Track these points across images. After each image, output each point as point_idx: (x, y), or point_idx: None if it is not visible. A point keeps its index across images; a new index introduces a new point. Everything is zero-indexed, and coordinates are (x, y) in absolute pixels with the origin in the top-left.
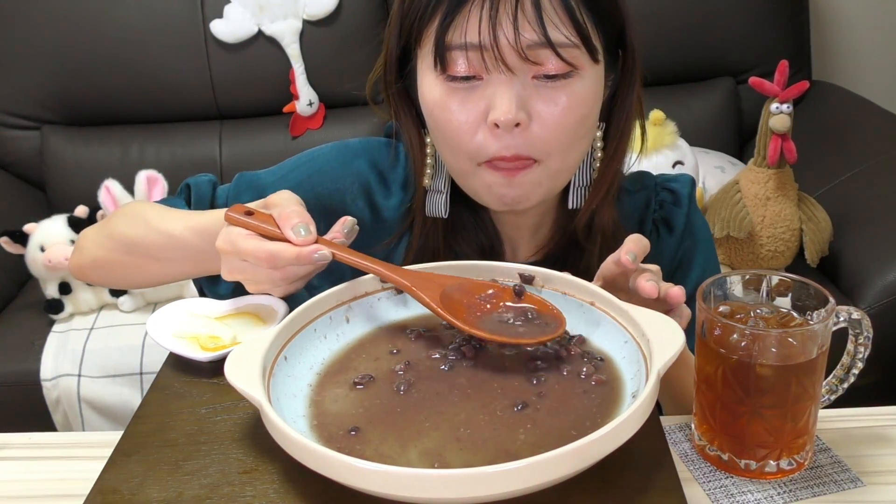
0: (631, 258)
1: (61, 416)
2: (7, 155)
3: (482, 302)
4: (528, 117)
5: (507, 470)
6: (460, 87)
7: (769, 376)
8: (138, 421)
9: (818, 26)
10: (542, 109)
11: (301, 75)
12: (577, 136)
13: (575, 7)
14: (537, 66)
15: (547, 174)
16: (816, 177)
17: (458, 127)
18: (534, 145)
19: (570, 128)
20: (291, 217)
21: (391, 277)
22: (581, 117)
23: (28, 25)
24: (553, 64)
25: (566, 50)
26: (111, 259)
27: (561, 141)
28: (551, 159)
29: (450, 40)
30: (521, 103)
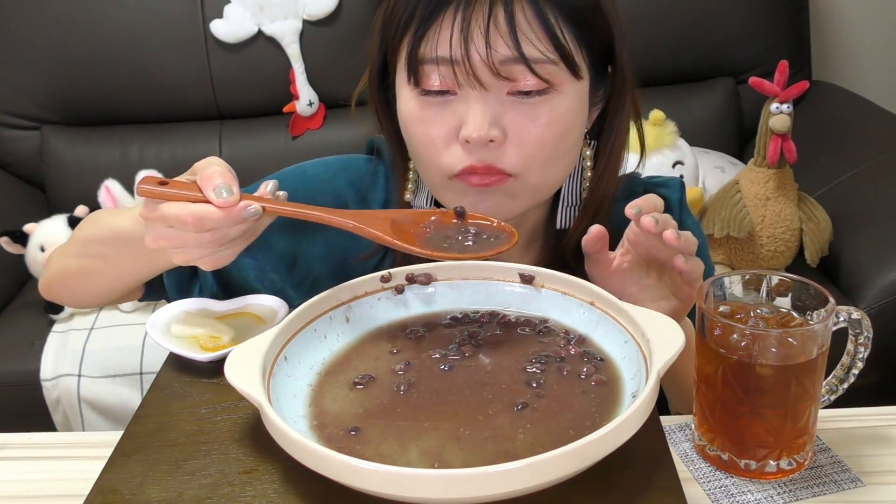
0: (635, 211)
1: (61, 416)
2: (7, 155)
3: (428, 229)
4: (502, 134)
5: (507, 470)
6: (434, 102)
7: (769, 376)
8: (138, 421)
9: (818, 26)
10: (517, 127)
11: (301, 75)
12: (557, 154)
13: (553, 22)
14: (511, 83)
15: (525, 188)
16: (816, 177)
17: (430, 141)
18: (509, 161)
19: (548, 145)
20: (213, 178)
21: (334, 220)
22: (560, 135)
23: (28, 25)
24: (528, 80)
25: (541, 66)
26: (69, 267)
27: (538, 158)
28: (529, 174)
29: (422, 54)
30: (494, 120)
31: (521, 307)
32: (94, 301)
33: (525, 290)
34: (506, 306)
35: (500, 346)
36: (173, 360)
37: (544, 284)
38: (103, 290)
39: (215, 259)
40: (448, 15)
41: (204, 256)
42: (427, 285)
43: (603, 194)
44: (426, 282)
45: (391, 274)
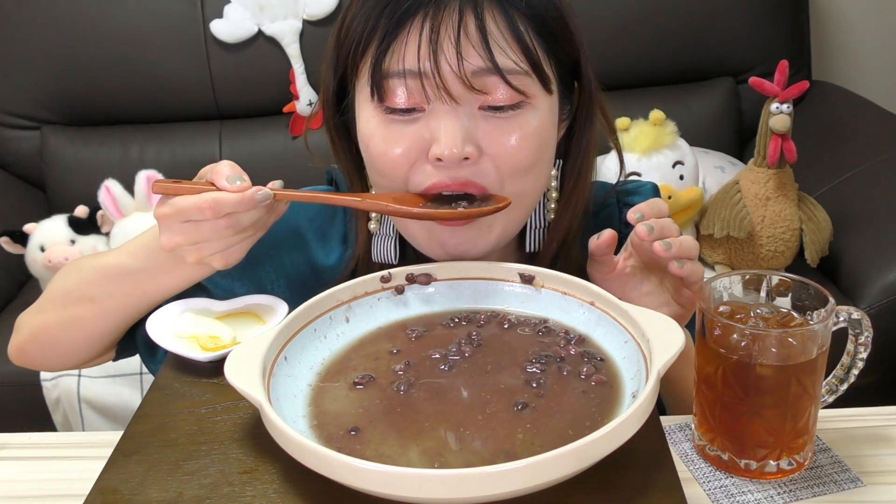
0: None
1: (61, 416)
2: (7, 155)
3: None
4: (476, 151)
5: (507, 470)
6: (398, 119)
7: (769, 376)
8: (138, 421)
9: (818, 26)
10: (493, 141)
11: (301, 75)
12: (534, 172)
13: (524, 32)
14: (484, 96)
15: (501, 215)
16: (816, 177)
17: (394, 161)
18: (488, 179)
19: (527, 161)
20: (223, 169)
21: (343, 200)
22: (536, 150)
23: (28, 25)
24: (502, 93)
25: (516, 77)
26: (48, 322)
27: (516, 174)
28: (505, 192)
29: (387, 67)
30: (467, 136)
31: (521, 307)
32: (74, 357)
33: (525, 290)
34: (506, 306)
35: (500, 346)
36: (173, 360)
37: (544, 284)
38: (89, 340)
39: (227, 255)
40: (415, 25)
41: (217, 251)
42: (427, 285)
43: (572, 214)
44: (426, 282)
45: (391, 274)
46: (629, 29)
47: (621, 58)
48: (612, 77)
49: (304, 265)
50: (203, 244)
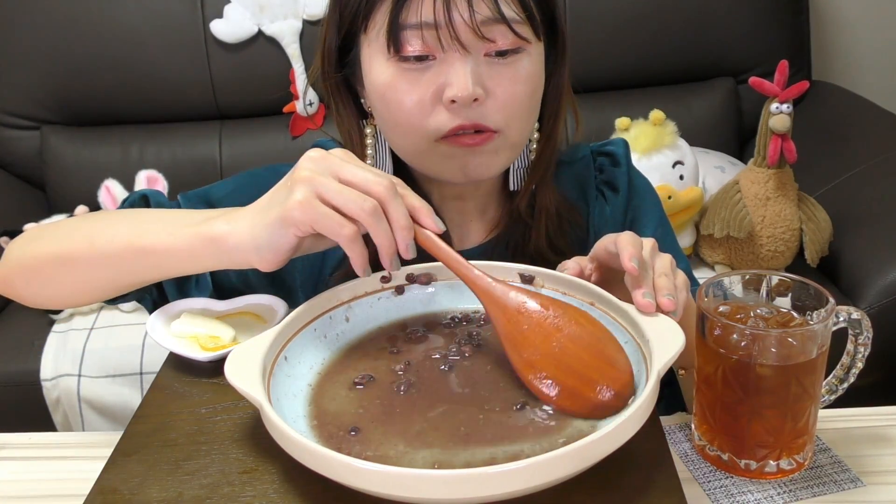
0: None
1: (61, 416)
2: (7, 155)
3: None
4: (484, 93)
5: (507, 470)
6: (412, 68)
7: (769, 376)
8: (138, 421)
9: (818, 26)
10: (496, 85)
11: (301, 75)
12: (529, 110)
13: None
14: (490, 44)
15: (506, 144)
16: (816, 177)
17: (412, 107)
18: (492, 118)
19: (523, 102)
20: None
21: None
22: (531, 91)
23: (28, 25)
24: (505, 40)
25: (518, 25)
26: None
27: (518, 114)
28: (510, 130)
29: (404, 20)
30: (476, 79)
31: None
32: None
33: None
34: None
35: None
36: (173, 360)
37: (544, 285)
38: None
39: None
40: None
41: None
42: (427, 285)
43: (550, 155)
44: (426, 282)
45: (391, 274)
46: (629, 29)
47: (621, 58)
48: (612, 77)
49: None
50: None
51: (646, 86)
